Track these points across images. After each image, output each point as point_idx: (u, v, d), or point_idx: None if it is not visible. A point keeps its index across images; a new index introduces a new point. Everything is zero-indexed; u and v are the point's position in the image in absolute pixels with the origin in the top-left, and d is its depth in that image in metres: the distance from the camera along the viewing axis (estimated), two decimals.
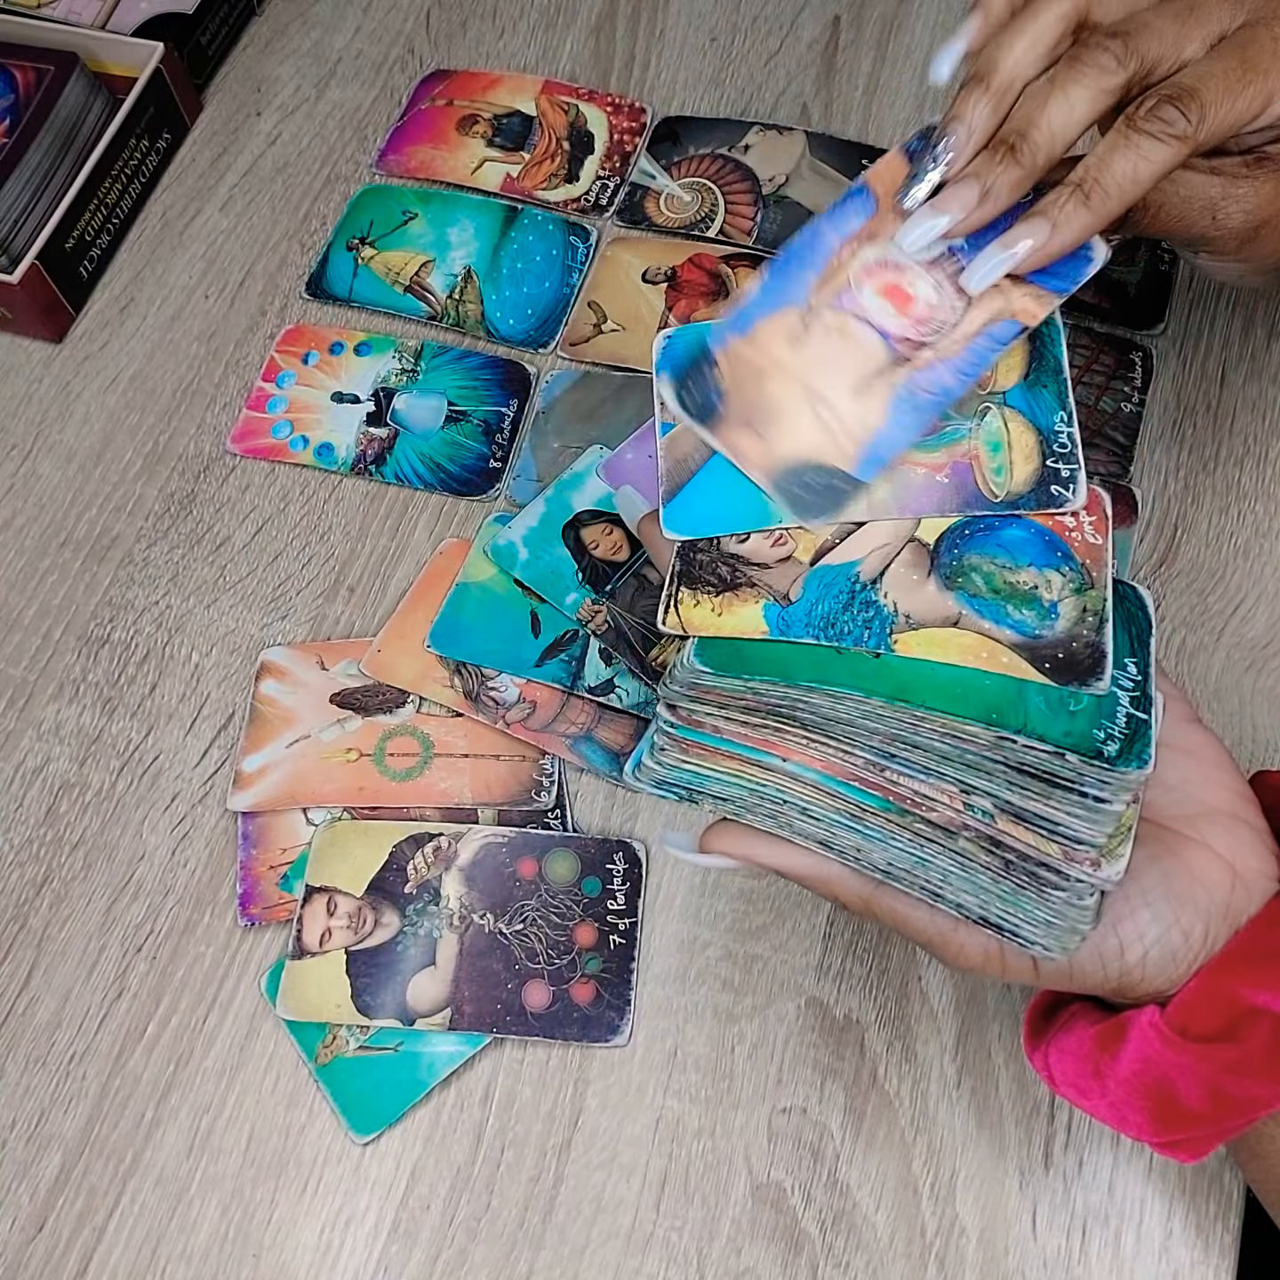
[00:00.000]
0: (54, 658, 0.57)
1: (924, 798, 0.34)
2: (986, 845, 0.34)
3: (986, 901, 0.34)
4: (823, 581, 0.35)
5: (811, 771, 0.35)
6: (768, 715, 0.35)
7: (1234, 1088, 0.35)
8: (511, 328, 0.63)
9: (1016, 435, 0.36)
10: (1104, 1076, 0.37)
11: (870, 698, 0.33)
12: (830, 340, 0.37)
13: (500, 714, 0.53)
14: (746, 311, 0.38)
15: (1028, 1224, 0.45)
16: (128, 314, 0.66)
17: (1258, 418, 0.58)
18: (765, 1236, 0.46)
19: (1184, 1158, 0.38)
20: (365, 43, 0.73)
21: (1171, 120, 0.35)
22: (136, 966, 0.51)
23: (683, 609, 0.35)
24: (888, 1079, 0.47)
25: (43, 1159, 0.48)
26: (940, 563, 0.35)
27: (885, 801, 0.34)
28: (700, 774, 0.37)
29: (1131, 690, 0.34)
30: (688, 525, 0.36)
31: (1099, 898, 0.34)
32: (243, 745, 0.54)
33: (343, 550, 0.59)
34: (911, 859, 0.35)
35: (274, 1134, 0.48)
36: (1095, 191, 0.35)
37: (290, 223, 0.68)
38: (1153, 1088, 0.36)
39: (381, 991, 0.49)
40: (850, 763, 0.34)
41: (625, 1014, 0.48)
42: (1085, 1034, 0.38)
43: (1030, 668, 0.33)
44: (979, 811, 0.33)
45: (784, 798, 0.36)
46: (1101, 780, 0.32)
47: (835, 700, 0.33)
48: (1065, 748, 0.32)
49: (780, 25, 0.72)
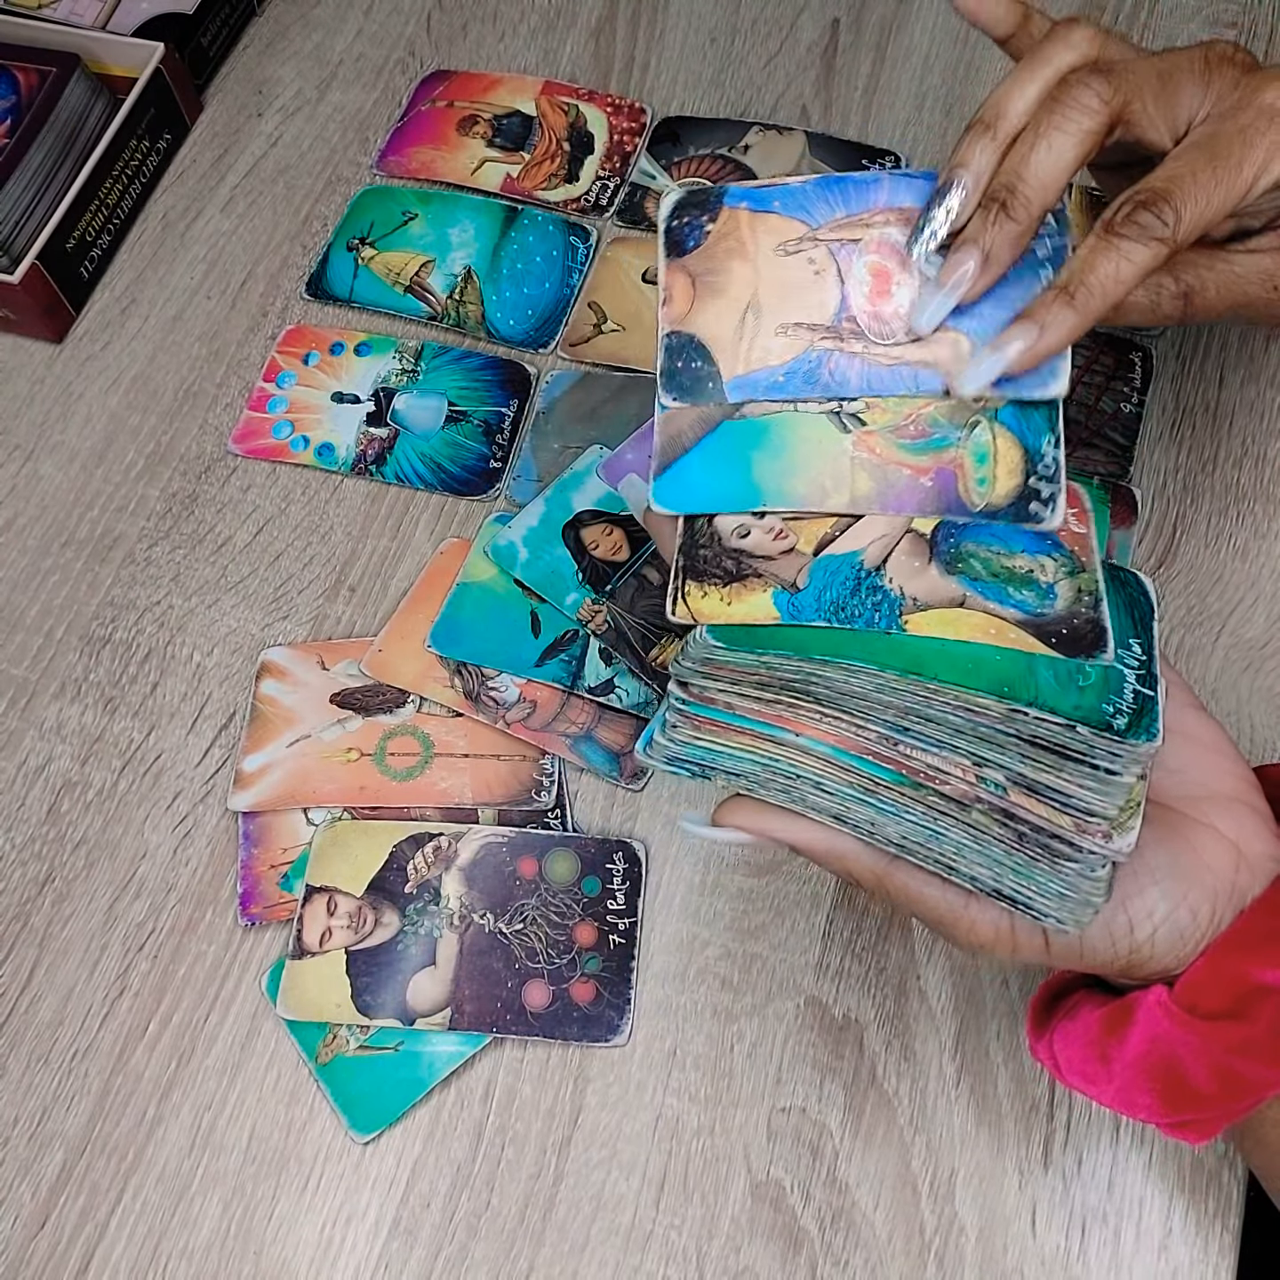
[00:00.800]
0: (56, 657, 0.57)
1: (937, 771, 0.34)
2: (999, 818, 0.34)
3: (1000, 874, 0.35)
4: (828, 570, 0.35)
5: (824, 746, 0.35)
6: (781, 690, 0.35)
7: (1242, 1066, 0.36)
8: (512, 328, 0.64)
9: (1003, 450, 0.36)
10: (1111, 1060, 0.37)
11: (884, 671, 0.33)
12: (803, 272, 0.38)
13: (500, 714, 0.54)
14: (773, 194, 0.39)
15: (1027, 1222, 0.45)
16: (129, 314, 0.66)
17: (1256, 419, 0.59)
18: (764, 1234, 0.46)
19: (1191, 1139, 0.38)
20: (366, 45, 0.74)
21: (1148, 224, 0.36)
22: (138, 965, 0.51)
23: (690, 600, 0.35)
24: (886, 1078, 0.48)
25: (45, 1156, 0.48)
26: (939, 550, 0.36)
27: (899, 775, 0.35)
28: (713, 750, 0.37)
29: (1137, 669, 0.34)
30: (675, 500, 0.37)
31: (1111, 870, 0.35)
32: (244, 745, 0.54)
33: (343, 550, 0.59)
34: (925, 832, 0.35)
35: (275, 1132, 0.48)
36: (1080, 293, 0.36)
37: (291, 224, 0.68)
38: (1160, 1068, 0.36)
39: (382, 991, 0.49)
40: (864, 737, 0.35)
41: (625, 1013, 0.49)
42: (1091, 1018, 0.38)
43: (1038, 642, 0.34)
44: (991, 784, 0.34)
45: (797, 773, 0.36)
46: (1112, 752, 0.33)
47: (849, 674, 0.34)
48: (1076, 720, 0.32)
49: (780, 27, 0.72)
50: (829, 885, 0.51)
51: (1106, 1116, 0.46)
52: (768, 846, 0.37)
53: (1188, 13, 0.70)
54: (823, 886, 0.51)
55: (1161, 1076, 0.37)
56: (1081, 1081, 0.38)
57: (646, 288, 0.64)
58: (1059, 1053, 0.39)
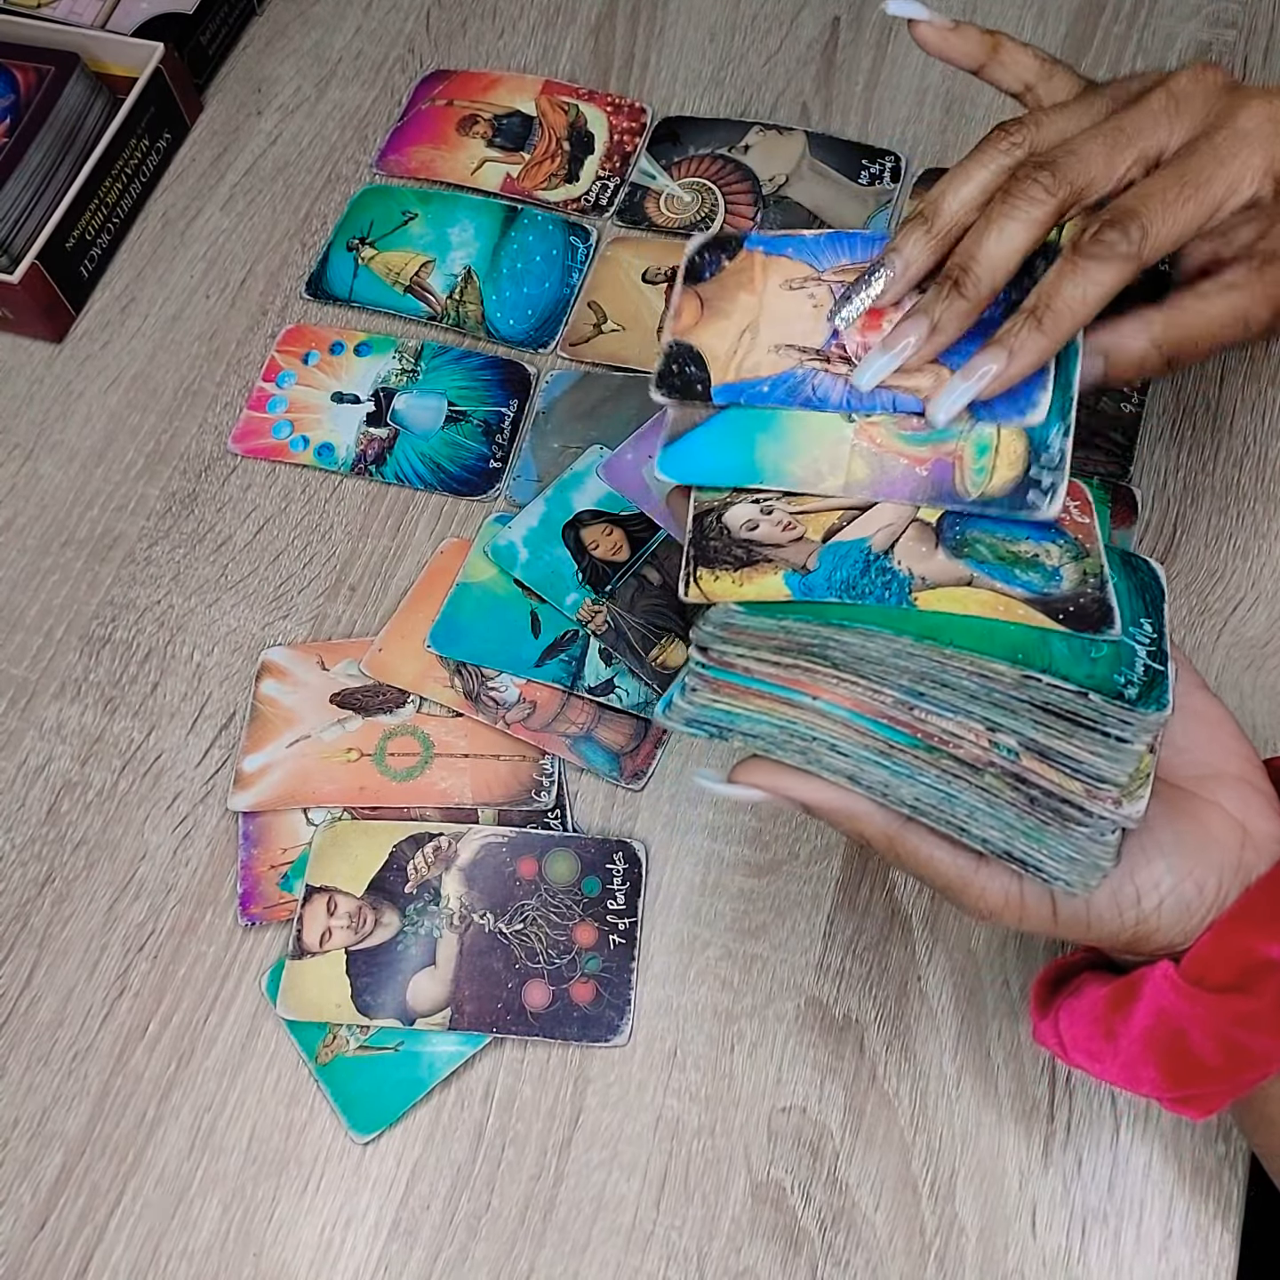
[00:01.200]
0: (56, 657, 0.57)
1: (951, 735, 0.35)
2: (1011, 782, 0.35)
3: (1011, 837, 0.35)
4: (837, 554, 0.36)
5: (840, 709, 0.36)
6: (798, 655, 0.36)
7: (1247, 1040, 0.36)
8: (511, 328, 0.63)
9: (1006, 441, 0.37)
10: (1117, 1036, 0.38)
11: (900, 636, 0.34)
12: (803, 305, 0.41)
13: (500, 714, 0.54)
14: (788, 242, 0.42)
15: (1027, 1223, 0.45)
16: (129, 314, 0.66)
17: (1257, 418, 0.59)
18: (765, 1235, 0.46)
19: (1194, 1114, 0.39)
20: (365, 43, 0.74)
21: (1113, 242, 0.37)
22: (138, 965, 0.51)
23: (703, 583, 0.36)
24: (887, 1078, 0.48)
25: (45, 1157, 0.48)
26: (945, 537, 0.37)
27: (913, 738, 0.36)
28: (731, 712, 0.38)
29: (1148, 646, 0.35)
30: (678, 470, 0.39)
31: (1120, 835, 0.35)
32: (244, 745, 0.54)
33: (343, 550, 0.59)
34: (938, 795, 0.36)
35: (275, 1133, 0.48)
36: (1047, 317, 0.37)
37: (291, 223, 0.68)
38: (1166, 1042, 0.37)
39: (381, 991, 0.49)
40: (879, 701, 0.36)
41: (625, 1013, 0.49)
42: (1097, 995, 0.38)
43: (1045, 618, 0.34)
44: (1004, 749, 0.35)
45: (813, 734, 0.37)
46: (1123, 721, 0.33)
47: (866, 638, 0.35)
48: (1088, 688, 0.33)
49: (780, 25, 0.72)
50: (829, 886, 0.51)
51: (1107, 1117, 0.46)
52: (782, 806, 0.38)
53: (1188, 12, 0.70)
54: (823, 887, 0.51)
55: (1167, 1050, 0.37)
56: (1086, 1058, 0.39)
57: (646, 288, 0.64)
58: (1064, 1031, 0.39)
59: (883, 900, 0.50)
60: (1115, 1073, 0.38)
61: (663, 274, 0.64)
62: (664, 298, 0.63)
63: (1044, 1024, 0.40)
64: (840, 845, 0.51)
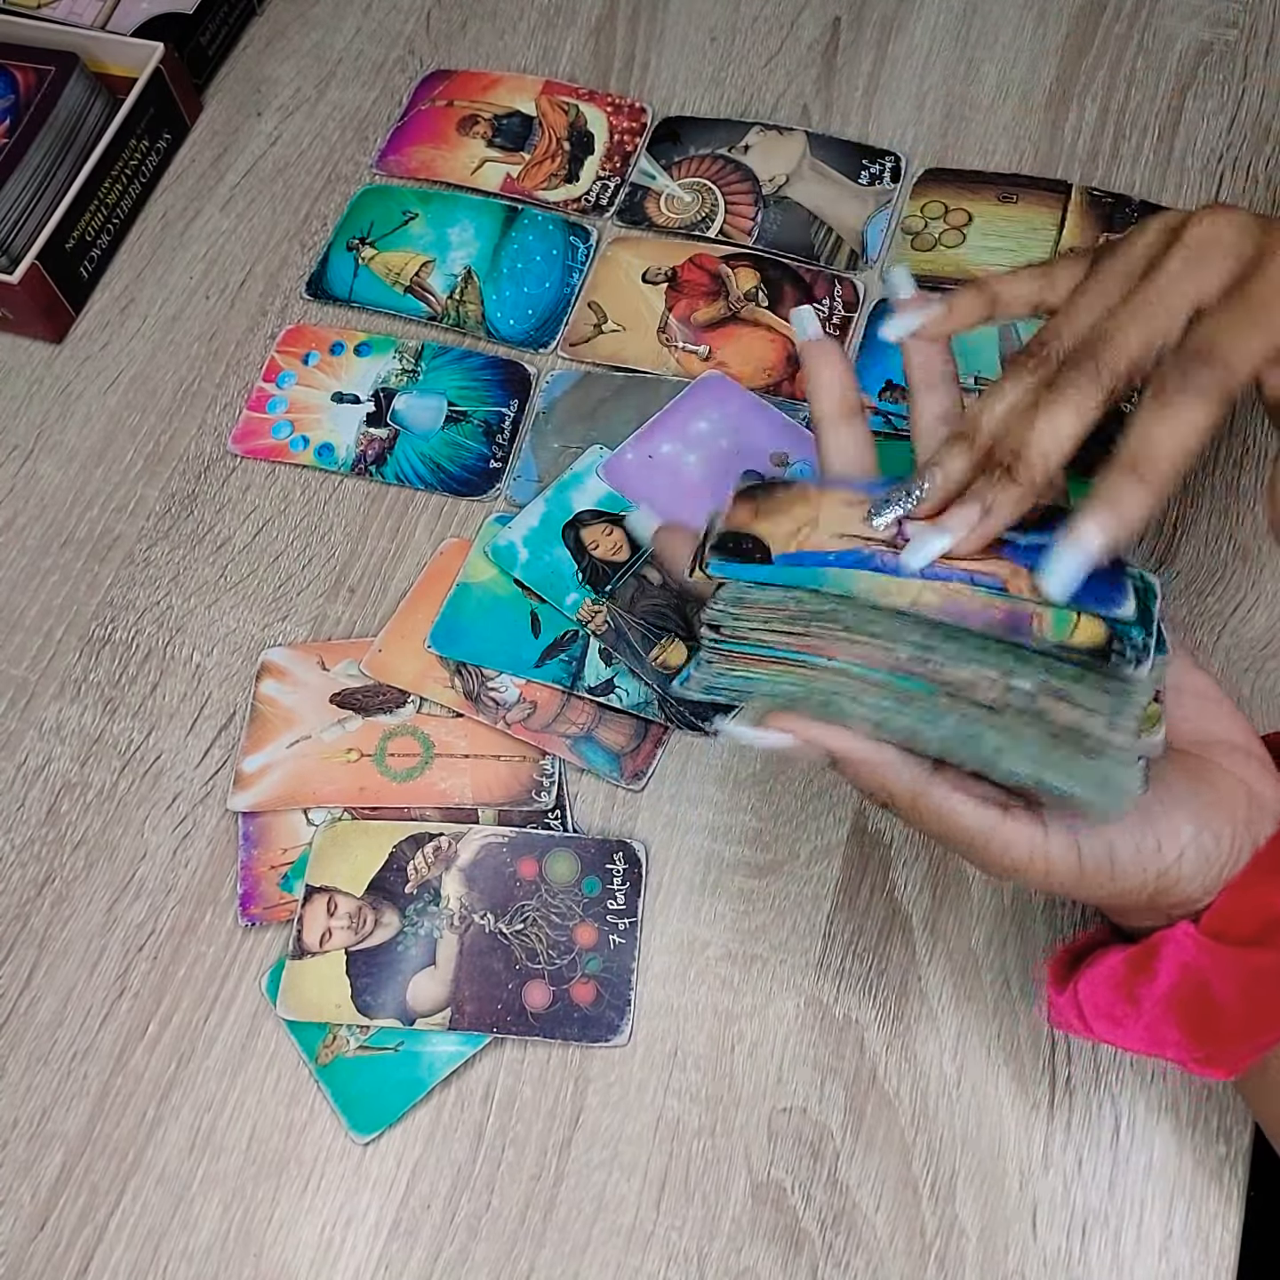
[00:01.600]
0: (55, 658, 0.57)
1: (966, 683, 0.36)
2: (1031, 720, 0.36)
3: (1040, 768, 0.36)
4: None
5: (857, 666, 0.37)
6: (810, 622, 0.37)
7: (1269, 993, 0.37)
8: (512, 328, 0.63)
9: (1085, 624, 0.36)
10: (1140, 999, 0.38)
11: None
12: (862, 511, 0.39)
13: (500, 714, 0.54)
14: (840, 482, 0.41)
15: (1028, 1223, 0.45)
16: (128, 314, 0.66)
17: (1257, 418, 0.58)
18: (765, 1236, 0.46)
19: (1219, 1073, 0.39)
20: (365, 43, 0.74)
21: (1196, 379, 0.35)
22: (138, 966, 0.51)
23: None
24: (887, 1078, 0.48)
25: (44, 1158, 0.48)
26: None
27: (931, 686, 0.36)
28: (748, 677, 0.38)
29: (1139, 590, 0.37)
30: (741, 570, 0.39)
31: (1145, 764, 0.36)
32: (243, 745, 0.54)
33: (343, 550, 0.59)
34: (963, 735, 0.36)
35: (275, 1133, 0.48)
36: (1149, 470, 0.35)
37: (291, 223, 0.68)
38: (1190, 1000, 0.38)
39: (381, 991, 0.49)
40: (894, 658, 0.36)
41: (625, 1013, 0.49)
42: (1117, 960, 0.39)
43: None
44: (1021, 694, 0.35)
45: (834, 689, 0.37)
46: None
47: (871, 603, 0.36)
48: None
49: (780, 25, 0.72)
50: (829, 886, 0.51)
51: (1107, 1117, 0.46)
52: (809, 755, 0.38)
53: (1189, 12, 0.70)
54: (823, 887, 0.51)
55: (1190, 1007, 0.38)
56: (1108, 1025, 0.39)
57: (646, 288, 0.64)
58: (1084, 1000, 0.40)
59: (883, 900, 0.50)
60: (1138, 1036, 0.39)
61: (663, 274, 0.64)
62: (664, 298, 0.63)
63: (1062, 998, 0.40)
64: (840, 845, 0.51)
